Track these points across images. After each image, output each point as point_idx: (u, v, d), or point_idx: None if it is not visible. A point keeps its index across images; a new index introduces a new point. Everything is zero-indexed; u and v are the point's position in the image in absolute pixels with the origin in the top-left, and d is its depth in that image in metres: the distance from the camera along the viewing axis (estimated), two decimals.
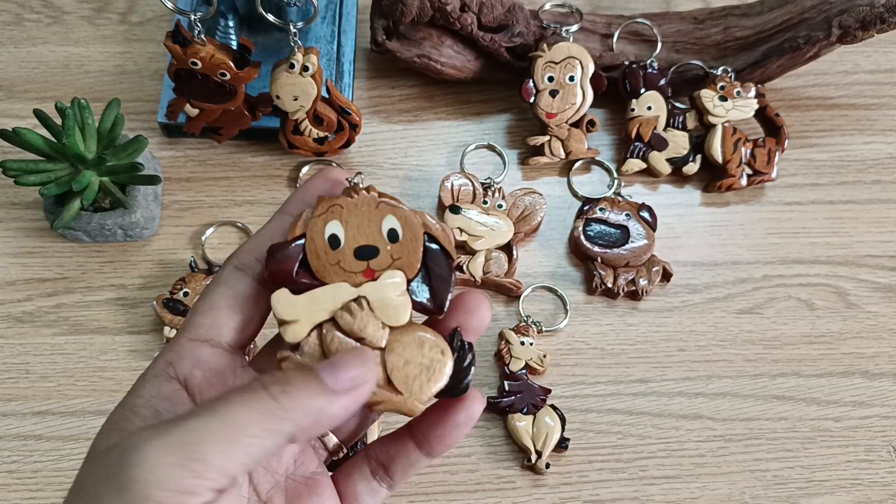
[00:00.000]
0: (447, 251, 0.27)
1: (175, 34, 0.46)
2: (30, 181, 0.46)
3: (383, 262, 0.26)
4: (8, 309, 0.50)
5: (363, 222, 0.26)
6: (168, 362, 0.26)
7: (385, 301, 0.26)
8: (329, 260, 0.26)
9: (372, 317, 0.26)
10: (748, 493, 0.47)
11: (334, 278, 0.26)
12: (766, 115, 0.57)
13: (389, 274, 0.26)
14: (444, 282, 0.26)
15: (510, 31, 0.54)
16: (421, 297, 0.26)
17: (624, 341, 0.51)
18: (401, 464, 0.29)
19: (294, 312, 0.26)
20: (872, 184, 0.58)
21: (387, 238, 0.26)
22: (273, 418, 0.22)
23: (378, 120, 0.57)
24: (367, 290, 0.26)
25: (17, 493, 0.45)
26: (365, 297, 0.26)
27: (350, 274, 0.26)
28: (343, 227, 0.26)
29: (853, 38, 0.52)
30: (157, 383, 0.26)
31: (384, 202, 0.27)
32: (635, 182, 0.57)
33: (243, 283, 0.27)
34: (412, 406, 0.26)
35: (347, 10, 0.58)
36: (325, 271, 0.26)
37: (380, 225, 0.26)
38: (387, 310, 0.26)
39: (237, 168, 0.55)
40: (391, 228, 0.26)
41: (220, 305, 0.27)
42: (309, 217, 0.26)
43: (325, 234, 0.26)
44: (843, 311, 0.53)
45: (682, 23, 0.58)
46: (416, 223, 0.26)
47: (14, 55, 0.58)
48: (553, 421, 0.47)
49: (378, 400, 0.26)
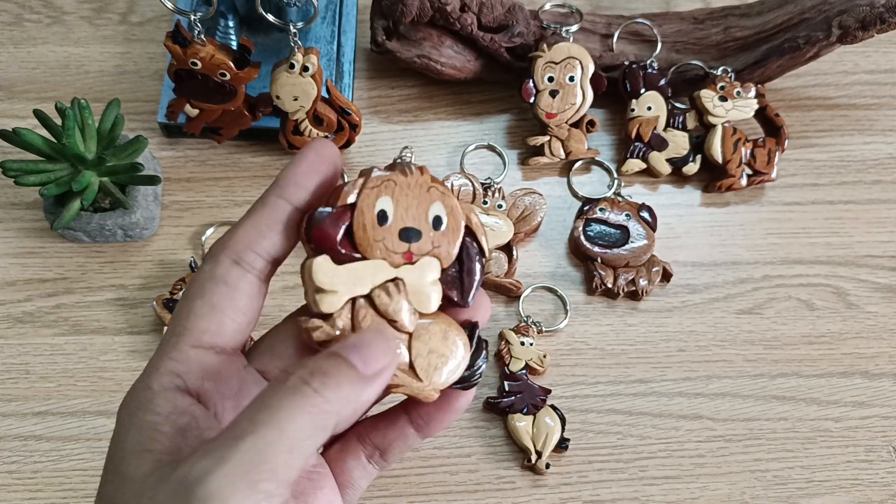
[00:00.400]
0: (482, 248, 0.27)
1: (175, 34, 0.46)
2: (30, 181, 0.46)
3: (424, 247, 0.26)
4: (8, 309, 0.50)
5: (412, 204, 0.26)
6: (175, 374, 0.25)
7: (419, 287, 0.26)
8: (375, 235, 0.25)
9: (406, 301, 0.26)
10: (748, 493, 0.47)
11: (376, 255, 0.26)
12: (766, 115, 0.57)
13: (428, 261, 0.26)
14: (474, 277, 0.27)
15: (510, 32, 0.54)
16: (450, 289, 0.27)
17: (624, 341, 0.51)
18: (398, 445, 0.29)
19: (333, 282, 0.25)
20: (872, 184, 0.58)
21: (431, 224, 0.26)
22: (321, 414, 0.22)
23: (378, 120, 0.57)
24: (405, 272, 0.26)
25: (18, 494, 0.45)
26: (402, 279, 0.26)
27: (391, 253, 0.26)
28: (393, 205, 0.26)
29: (853, 39, 0.52)
30: (170, 397, 0.24)
31: (435, 188, 0.27)
32: (635, 182, 0.57)
33: (245, 282, 0.25)
34: (429, 394, 0.26)
35: (347, 10, 0.58)
36: (369, 246, 0.25)
37: (427, 209, 0.26)
38: (419, 296, 0.26)
39: (237, 168, 0.55)
40: (437, 215, 0.26)
41: (223, 308, 0.25)
42: (360, 187, 0.26)
43: (376, 209, 0.25)
44: (843, 311, 0.53)
45: (682, 23, 0.58)
46: (461, 215, 0.27)
47: (14, 55, 0.58)
48: (553, 421, 0.47)
49: (398, 383, 0.26)
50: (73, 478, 0.46)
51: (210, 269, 0.25)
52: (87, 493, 0.45)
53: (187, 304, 0.25)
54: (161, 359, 0.25)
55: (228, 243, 0.25)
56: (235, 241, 0.25)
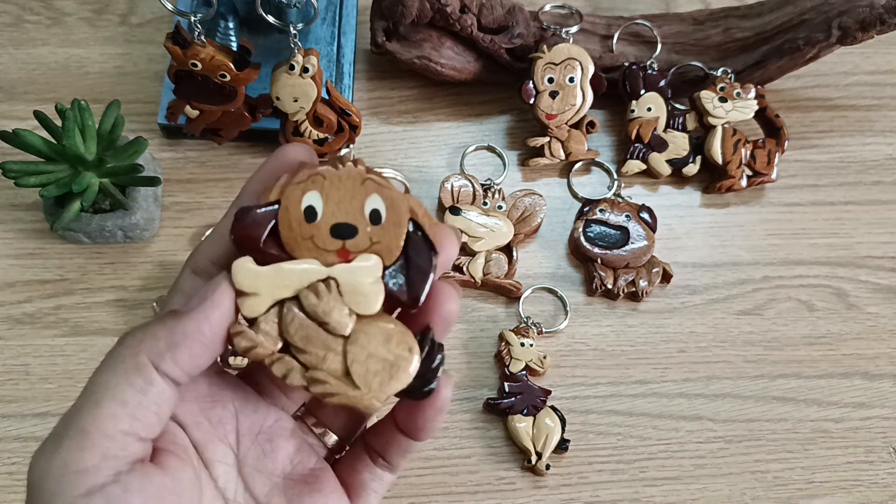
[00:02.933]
0: (431, 242, 0.24)
1: (175, 36, 0.46)
2: (30, 182, 0.46)
3: (360, 243, 0.24)
4: (8, 310, 0.50)
5: (345, 198, 0.24)
6: None
7: (356, 286, 0.24)
8: (302, 233, 0.24)
9: (339, 301, 0.24)
10: (748, 494, 0.47)
11: (305, 254, 0.24)
12: (766, 116, 0.57)
13: (365, 257, 0.24)
14: (422, 274, 0.24)
15: (510, 33, 0.54)
16: (395, 287, 0.24)
17: (624, 342, 0.51)
18: (395, 451, 0.28)
19: (255, 284, 0.23)
20: (872, 185, 0.58)
21: (368, 218, 0.24)
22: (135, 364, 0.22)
23: (378, 121, 0.57)
24: (339, 271, 0.24)
25: (18, 495, 0.45)
26: (335, 278, 0.24)
27: (323, 252, 0.24)
28: (322, 200, 0.24)
29: (853, 40, 0.52)
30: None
31: (371, 179, 0.24)
32: (635, 183, 0.57)
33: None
34: (369, 403, 0.24)
35: (347, 11, 0.58)
36: (296, 245, 0.24)
37: (363, 203, 0.24)
38: (356, 296, 0.24)
39: (237, 169, 0.55)
40: (374, 209, 0.24)
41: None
42: (286, 183, 0.24)
43: (302, 205, 0.24)
44: (844, 312, 0.53)
45: (681, 24, 0.58)
46: (402, 207, 0.24)
47: (14, 56, 0.58)
48: (553, 422, 0.47)
49: (333, 392, 0.24)
50: None
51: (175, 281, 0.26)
52: None
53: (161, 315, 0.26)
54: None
55: (192, 254, 0.26)
56: (198, 253, 0.26)
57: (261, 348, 0.24)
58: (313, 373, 0.24)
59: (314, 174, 0.24)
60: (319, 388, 0.24)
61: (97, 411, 0.22)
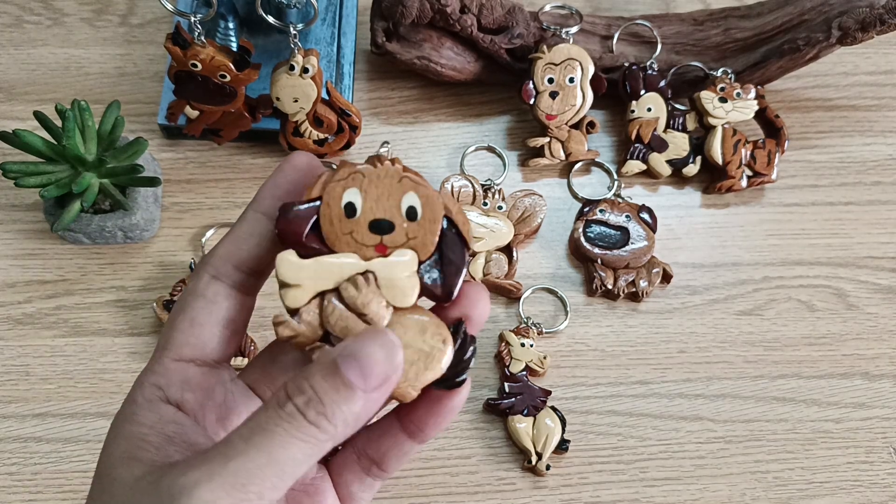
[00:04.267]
0: (464, 238, 0.26)
1: (175, 36, 0.46)
2: (30, 183, 0.46)
3: (397, 239, 0.25)
4: (8, 311, 0.50)
5: (383, 195, 0.25)
6: (157, 386, 0.25)
7: (393, 280, 0.25)
8: (342, 229, 0.25)
9: (377, 294, 0.24)
10: (748, 494, 0.47)
11: (345, 248, 0.25)
12: (766, 116, 0.57)
13: (401, 252, 0.25)
14: (455, 269, 0.25)
15: (510, 33, 0.54)
16: (430, 281, 0.25)
17: (624, 343, 0.51)
18: (394, 456, 0.28)
19: (298, 276, 0.24)
20: (872, 185, 0.58)
21: (405, 215, 0.25)
22: (316, 443, 0.22)
23: (378, 122, 0.57)
24: (377, 265, 0.25)
25: (17, 496, 0.45)
26: (373, 272, 0.25)
27: (361, 246, 0.25)
28: (361, 197, 0.25)
29: (853, 40, 0.52)
30: (154, 409, 0.25)
31: (408, 177, 0.25)
32: (635, 184, 0.57)
33: (223, 295, 0.26)
34: (405, 392, 0.25)
35: (347, 11, 0.59)
36: (337, 240, 0.25)
37: (399, 200, 0.25)
38: (393, 289, 0.25)
39: (237, 170, 0.55)
40: (411, 206, 0.25)
41: (202, 321, 0.26)
42: (328, 180, 0.25)
43: (342, 202, 0.25)
44: (844, 312, 0.53)
45: (681, 24, 0.58)
46: (438, 204, 0.25)
47: (14, 57, 0.58)
48: (553, 423, 0.47)
49: None
50: (73, 479, 0.46)
51: (192, 286, 0.26)
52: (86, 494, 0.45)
53: (171, 319, 0.26)
54: (145, 373, 0.26)
55: (209, 259, 0.26)
56: (215, 256, 0.26)
57: (302, 337, 0.25)
58: None
59: (354, 172, 0.25)
60: None
61: None
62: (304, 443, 0.22)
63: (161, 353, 0.26)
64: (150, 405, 0.25)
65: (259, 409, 0.23)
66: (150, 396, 0.25)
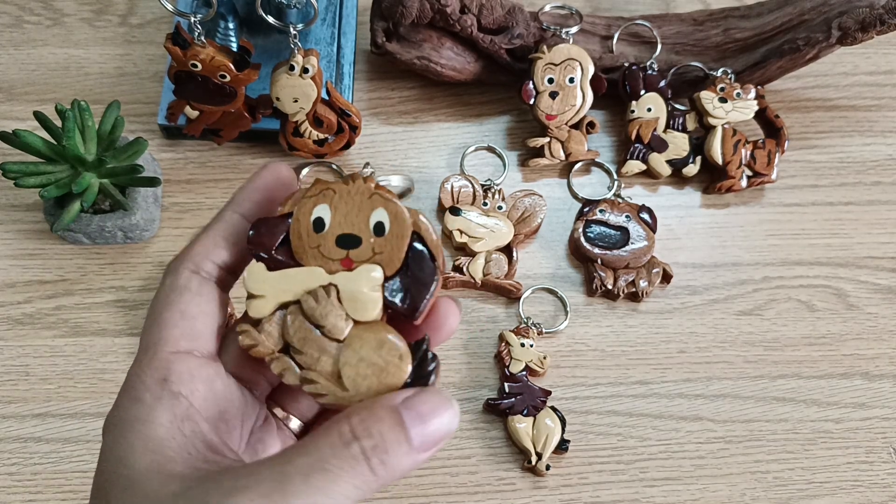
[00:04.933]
0: (434, 256, 0.25)
1: (175, 36, 0.46)
2: (30, 183, 0.46)
3: (363, 254, 0.25)
4: (8, 311, 0.50)
5: (352, 211, 0.25)
6: (163, 379, 0.24)
7: (355, 293, 0.25)
8: (310, 242, 0.25)
9: (337, 306, 0.25)
10: (748, 494, 0.47)
11: (311, 262, 0.25)
12: (766, 116, 0.57)
13: (367, 267, 0.25)
14: (422, 287, 0.25)
15: (510, 33, 0.54)
16: (395, 297, 0.25)
17: (624, 343, 0.51)
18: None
19: (262, 287, 0.25)
20: (872, 185, 0.58)
21: (372, 230, 0.25)
22: (368, 490, 0.22)
23: (378, 122, 0.57)
24: (340, 279, 0.25)
25: (17, 496, 0.45)
26: (335, 285, 0.25)
27: (327, 260, 0.25)
28: (331, 212, 0.25)
29: (853, 40, 0.52)
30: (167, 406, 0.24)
31: (378, 194, 0.25)
32: (635, 184, 0.57)
33: (207, 288, 0.26)
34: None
35: (347, 12, 0.59)
36: (304, 253, 0.25)
37: (368, 216, 0.25)
38: (355, 302, 0.25)
39: (237, 170, 0.55)
40: (379, 221, 0.25)
41: (193, 314, 0.25)
42: (300, 196, 0.26)
43: (312, 217, 0.25)
44: (844, 312, 0.53)
45: (681, 24, 0.58)
46: (406, 221, 0.25)
47: (14, 57, 0.58)
48: (553, 423, 0.47)
49: (322, 392, 0.25)
50: (72, 480, 0.46)
51: (171, 281, 0.26)
52: (86, 494, 0.45)
53: (155, 317, 0.25)
54: (143, 368, 0.25)
55: (186, 255, 0.26)
56: (193, 252, 0.26)
57: (262, 347, 0.25)
58: (306, 373, 0.25)
59: (326, 189, 0.26)
60: (311, 387, 0.25)
61: None
62: (358, 489, 0.22)
63: (155, 347, 0.25)
64: (160, 403, 0.24)
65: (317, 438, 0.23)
66: (157, 393, 0.24)
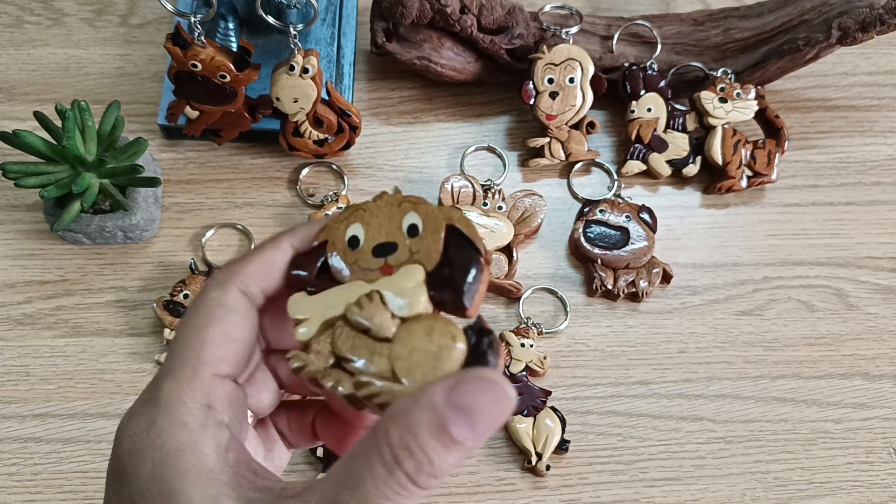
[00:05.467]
0: (473, 243, 0.25)
1: (175, 36, 0.46)
2: (30, 183, 0.46)
3: (401, 257, 0.25)
4: (8, 311, 0.50)
5: (384, 222, 0.26)
6: (205, 405, 0.23)
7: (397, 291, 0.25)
8: (347, 260, 0.26)
9: (381, 308, 0.24)
10: (748, 494, 0.47)
11: (352, 278, 0.25)
12: (766, 116, 0.57)
13: (407, 267, 0.25)
14: (464, 273, 0.24)
15: (510, 33, 0.54)
16: (440, 289, 0.25)
17: (624, 343, 0.51)
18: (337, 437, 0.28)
19: (305, 310, 0.25)
20: (872, 185, 0.58)
21: (406, 233, 0.25)
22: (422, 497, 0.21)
23: (378, 122, 0.57)
24: (381, 284, 0.25)
25: (17, 496, 0.45)
26: (378, 291, 0.25)
27: (367, 272, 0.25)
28: (364, 229, 0.26)
29: (853, 40, 0.52)
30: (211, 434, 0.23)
31: (407, 201, 0.26)
32: (635, 184, 0.57)
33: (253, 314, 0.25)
34: None
35: (347, 12, 0.59)
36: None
37: (400, 222, 0.26)
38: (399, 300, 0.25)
39: (237, 170, 0.55)
40: (412, 224, 0.25)
41: (237, 337, 0.25)
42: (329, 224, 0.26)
43: (346, 237, 0.26)
44: (844, 312, 0.53)
45: (681, 24, 0.58)
46: (438, 216, 0.25)
47: (14, 57, 0.58)
48: (553, 423, 0.47)
49: (378, 391, 0.24)
50: (72, 480, 0.46)
51: (219, 296, 0.24)
52: (86, 495, 0.45)
53: (198, 330, 0.24)
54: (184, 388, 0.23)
55: (237, 272, 0.25)
56: (246, 272, 0.25)
57: (312, 366, 0.25)
58: (359, 377, 0.24)
59: (356, 210, 0.26)
60: (365, 390, 0.24)
61: None
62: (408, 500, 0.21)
63: (196, 365, 0.24)
64: (206, 431, 0.23)
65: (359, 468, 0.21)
66: (202, 419, 0.23)
